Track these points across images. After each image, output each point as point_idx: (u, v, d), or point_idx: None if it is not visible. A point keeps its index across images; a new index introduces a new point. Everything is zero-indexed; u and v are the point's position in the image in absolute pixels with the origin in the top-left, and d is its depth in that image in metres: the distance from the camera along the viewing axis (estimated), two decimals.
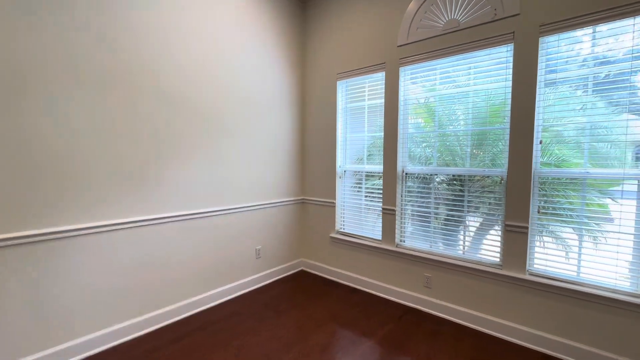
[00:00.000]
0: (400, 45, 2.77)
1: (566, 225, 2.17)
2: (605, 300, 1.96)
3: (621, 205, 1.96)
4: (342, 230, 3.41)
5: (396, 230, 2.91)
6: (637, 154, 1.92)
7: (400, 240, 2.94)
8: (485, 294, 2.41)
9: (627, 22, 1.88)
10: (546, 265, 2.21)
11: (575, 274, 2.12)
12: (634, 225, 1.91)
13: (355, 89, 3.22)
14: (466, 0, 2.40)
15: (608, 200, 2.04)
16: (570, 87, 2.11)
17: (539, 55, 2.13)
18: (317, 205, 3.56)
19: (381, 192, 3.03)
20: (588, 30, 2.01)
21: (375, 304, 2.85)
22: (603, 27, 1.96)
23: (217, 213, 2.79)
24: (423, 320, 2.56)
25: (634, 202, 1.92)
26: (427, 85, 2.75)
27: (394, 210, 2.91)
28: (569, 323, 2.08)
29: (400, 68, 2.80)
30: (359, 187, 3.29)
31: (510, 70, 2.25)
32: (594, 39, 2.02)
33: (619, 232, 1.97)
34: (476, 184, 2.53)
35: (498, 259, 2.41)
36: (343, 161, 3.37)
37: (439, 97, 2.68)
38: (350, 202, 3.36)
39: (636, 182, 1.91)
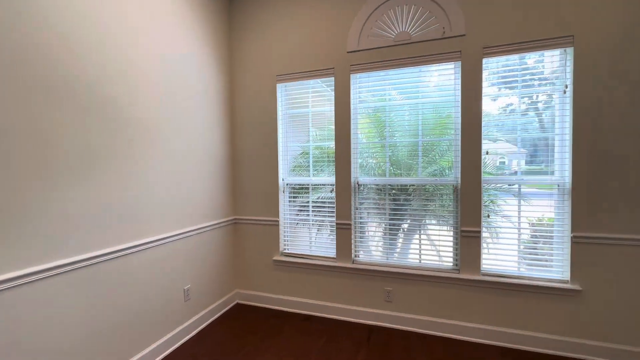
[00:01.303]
0: (351, 52, 2.65)
1: (505, 226, 2.44)
2: (543, 290, 2.26)
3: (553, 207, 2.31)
4: (287, 251, 3.02)
5: (352, 246, 2.75)
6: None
7: (356, 256, 2.78)
8: (446, 299, 2.49)
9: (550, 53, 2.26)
10: (494, 265, 2.43)
11: (516, 269, 2.40)
12: (561, 226, 2.29)
13: (299, 93, 2.93)
14: (416, 16, 2.47)
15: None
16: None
17: (483, 75, 2.35)
18: (254, 225, 3.06)
19: (332, 205, 2.83)
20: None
21: (337, 330, 2.59)
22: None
23: (126, 252, 2.00)
24: (391, 337, 2.45)
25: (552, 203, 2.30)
26: (377, 94, 2.71)
27: (349, 225, 2.73)
28: (519, 314, 2.32)
29: (351, 75, 2.67)
30: (306, 202, 2.99)
31: (459, 86, 2.41)
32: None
33: (551, 230, 2.32)
34: (429, 193, 2.61)
35: (452, 264, 2.53)
36: (286, 173, 3.01)
37: (389, 108, 2.68)
38: (296, 218, 3.02)
39: (556, 187, 2.29)
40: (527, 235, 2.40)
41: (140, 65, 2.08)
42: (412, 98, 2.61)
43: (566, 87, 2.20)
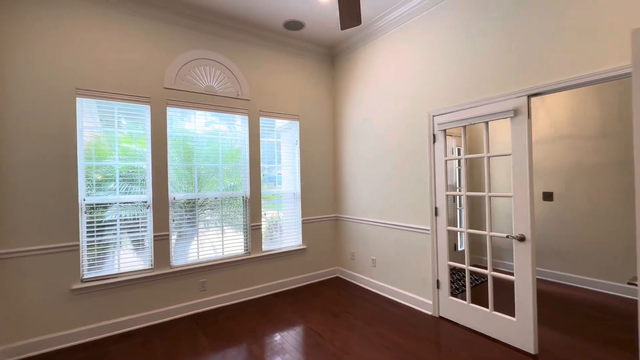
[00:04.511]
0: (167, 88, 3.15)
1: (265, 220, 3.99)
2: (292, 252, 4.01)
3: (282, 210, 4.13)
4: (89, 276, 2.80)
5: (170, 253, 3.16)
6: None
7: (172, 261, 3.21)
8: (243, 274, 3.61)
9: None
10: (268, 245, 3.90)
11: (279, 244, 4.00)
12: (295, 219, 4.16)
13: (104, 112, 2.90)
14: (219, 77, 3.48)
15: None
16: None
17: (260, 127, 3.78)
18: (35, 256, 2.56)
19: (144, 220, 3.08)
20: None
21: (167, 331, 2.92)
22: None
23: None
24: (213, 315, 3.19)
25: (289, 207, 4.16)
26: (189, 127, 3.37)
27: (166, 235, 3.14)
28: (282, 269, 3.91)
29: (167, 107, 3.15)
30: (112, 220, 2.95)
31: (247, 131, 3.68)
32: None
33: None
34: (227, 203, 3.64)
35: (244, 250, 3.71)
36: (85, 192, 2.81)
37: (197, 138, 3.43)
38: (100, 239, 2.87)
39: (293, 195, 4.16)
40: (278, 224, 4.09)
41: None
42: (215, 134, 3.55)
43: (297, 141, 4.13)
